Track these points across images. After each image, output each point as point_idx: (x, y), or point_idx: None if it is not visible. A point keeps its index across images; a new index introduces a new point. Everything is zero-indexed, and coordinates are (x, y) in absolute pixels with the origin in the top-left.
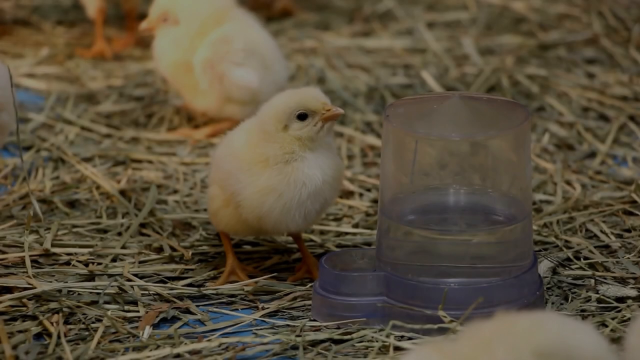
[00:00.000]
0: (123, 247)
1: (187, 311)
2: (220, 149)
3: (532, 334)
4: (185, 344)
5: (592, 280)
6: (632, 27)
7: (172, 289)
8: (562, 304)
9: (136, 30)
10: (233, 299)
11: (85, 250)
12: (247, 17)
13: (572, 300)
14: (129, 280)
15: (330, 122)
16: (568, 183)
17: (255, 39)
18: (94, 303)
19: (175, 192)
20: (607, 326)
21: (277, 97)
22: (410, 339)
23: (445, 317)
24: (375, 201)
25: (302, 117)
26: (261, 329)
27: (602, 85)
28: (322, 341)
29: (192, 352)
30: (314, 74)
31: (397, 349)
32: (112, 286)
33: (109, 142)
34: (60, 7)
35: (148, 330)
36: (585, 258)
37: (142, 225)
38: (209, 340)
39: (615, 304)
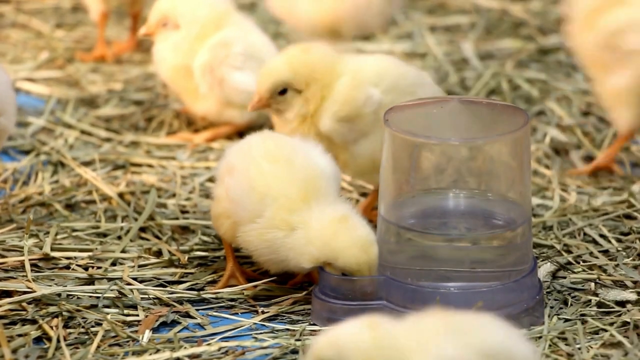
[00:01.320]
0: (122, 251)
1: (187, 315)
2: (236, 156)
3: (483, 334)
4: (185, 347)
5: (592, 284)
6: None
7: (171, 292)
8: (561, 307)
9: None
10: (233, 302)
11: (85, 254)
12: (246, 21)
13: (571, 305)
14: (129, 284)
15: None
16: (564, 189)
17: (255, 43)
18: (93, 307)
19: (175, 195)
20: (606, 331)
21: (337, 244)
22: None
23: None
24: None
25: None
26: (261, 333)
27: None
28: None
29: (192, 356)
30: None
31: None
32: (111, 290)
33: (109, 146)
34: (60, 11)
35: (148, 334)
36: (585, 262)
37: (142, 229)
38: (208, 344)
39: (615, 308)
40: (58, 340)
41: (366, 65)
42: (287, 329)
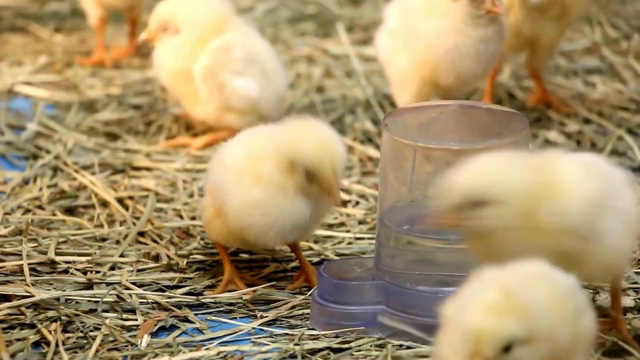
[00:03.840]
0: (121, 256)
1: (186, 320)
2: (214, 160)
3: None
4: (184, 352)
5: (590, 291)
6: (632, 36)
7: (170, 297)
8: None
9: (136, 39)
10: (231, 307)
11: (84, 259)
12: (246, 25)
13: None
14: (127, 288)
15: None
16: None
17: (255, 48)
18: (92, 311)
19: (173, 200)
20: (607, 338)
21: (298, 137)
22: (409, 347)
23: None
24: (370, 209)
25: (308, 176)
26: (260, 337)
27: (602, 94)
28: (321, 350)
29: None
30: (313, 82)
31: (395, 358)
32: (110, 294)
33: (108, 150)
34: (58, 15)
35: (146, 338)
36: None
37: (141, 233)
38: (207, 349)
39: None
40: (57, 345)
41: None
42: (286, 334)
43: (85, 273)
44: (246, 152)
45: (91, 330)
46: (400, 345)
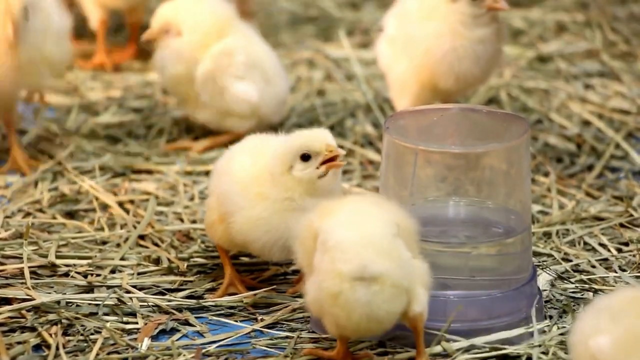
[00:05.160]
0: (122, 259)
1: (186, 323)
2: (221, 164)
3: None
4: (184, 355)
5: (591, 294)
6: (631, 39)
7: (170, 300)
8: (561, 316)
9: (137, 42)
10: (232, 310)
11: (84, 262)
12: (248, 29)
13: (571, 313)
14: (128, 291)
15: (334, 169)
16: (562, 196)
17: (257, 52)
18: (92, 314)
19: (174, 203)
20: None
21: (286, 138)
22: (407, 351)
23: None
24: None
25: (305, 158)
26: (260, 340)
27: (602, 97)
28: None
29: None
30: (313, 86)
31: None
32: (111, 298)
33: (108, 153)
34: None
35: (147, 341)
36: (584, 271)
37: (141, 236)
38: (207, 352)
39: None
40: (57, 348)
41: None
42: (287, 337)
43: (85, 276)
44: (254, 164)
45: (92, 334)
46: (402, 348)
